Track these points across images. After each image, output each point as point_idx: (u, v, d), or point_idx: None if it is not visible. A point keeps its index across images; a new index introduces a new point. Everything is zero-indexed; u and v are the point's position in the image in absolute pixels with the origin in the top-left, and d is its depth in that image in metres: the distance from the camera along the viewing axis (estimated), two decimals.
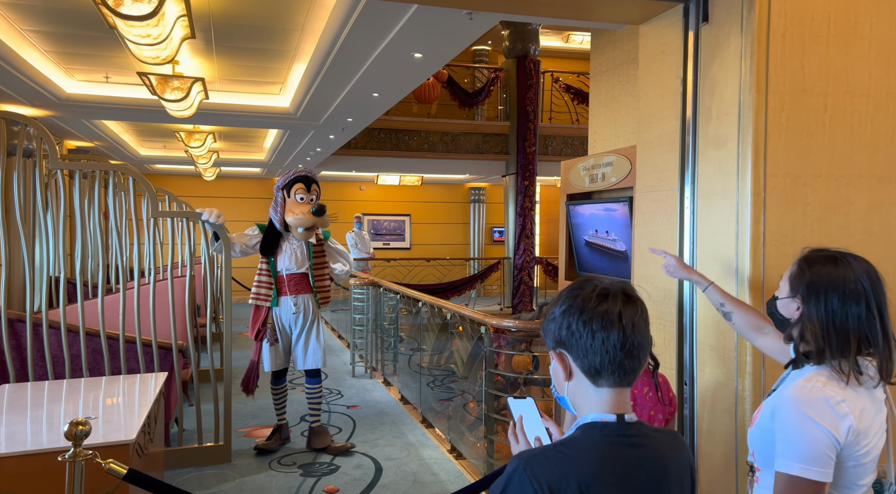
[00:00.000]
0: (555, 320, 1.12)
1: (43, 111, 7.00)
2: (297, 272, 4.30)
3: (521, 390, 5.44)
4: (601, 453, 1.05)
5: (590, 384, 1.10)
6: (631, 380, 1.10)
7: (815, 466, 1.36)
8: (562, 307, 1.11)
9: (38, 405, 3.08)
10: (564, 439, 1.10)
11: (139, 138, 10.28)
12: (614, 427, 1.07)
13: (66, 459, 2.08)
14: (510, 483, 1.02)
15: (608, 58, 3.32)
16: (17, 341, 3.93)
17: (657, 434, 1.14)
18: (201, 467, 4.14)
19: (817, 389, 1.40)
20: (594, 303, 1.07)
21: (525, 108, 10.22)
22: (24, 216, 3.97)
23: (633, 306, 1.09)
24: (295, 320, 4.31)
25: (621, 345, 1.06)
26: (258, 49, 5.59)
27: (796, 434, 1.39)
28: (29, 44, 5.35)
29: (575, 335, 1.08)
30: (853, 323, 1.41)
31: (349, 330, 7.81)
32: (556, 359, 1.14)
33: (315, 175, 4.34)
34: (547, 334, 1.15)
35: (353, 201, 15.51)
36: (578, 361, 1.09)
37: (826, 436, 1.36)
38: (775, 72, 2.02)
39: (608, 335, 1.06)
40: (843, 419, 1.37)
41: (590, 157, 3.13)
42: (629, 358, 1.07)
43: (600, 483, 1.02)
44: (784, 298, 1.53)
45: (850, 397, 1.40)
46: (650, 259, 2.53)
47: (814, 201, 2.06)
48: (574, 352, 1.09)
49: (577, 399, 1.13)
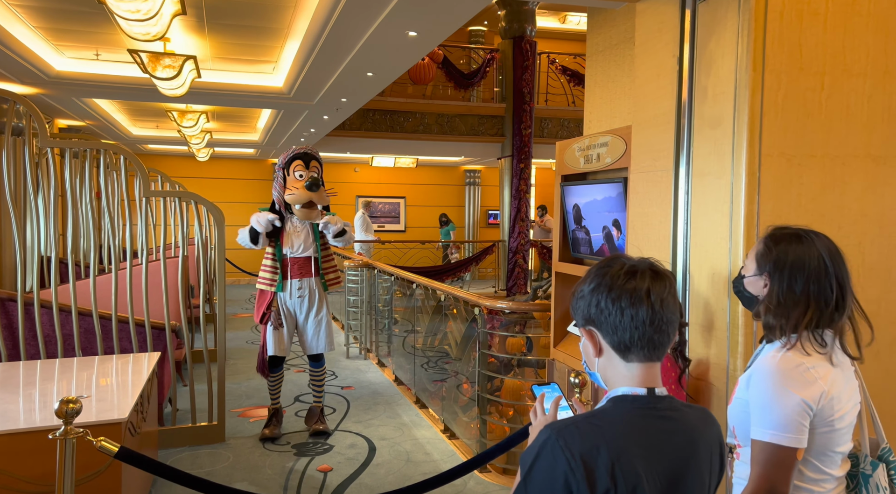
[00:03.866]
0: (584, 298, 1.13)
1: (32, 89, 6.90)
2: (302, 256, 4.20)
3: (515, 371, 5.47)
4: (631, 425, 1.07)
5: (620, 359, 1.12)
6: (661, 355, 1.11)
7: (787, 432, 1.40)
8: (591, 285, 1.13)
9: (31, 384, 3.08)
10: (595, 410, 1.11)
11: (131, 117, 10.17)
12: (645, 400, 1.09)
13: (56, 437, 2.08)
14: (542, 453, 1.03)
15: (604, 37, 3.29)
16: (8, 320, 3.92)
17: (687, 409, 1.15)
18: (195, 446, 4.16)
19: (787, 358, 1.44)
20: (622, 280, 1.09)
21: (521, 89, 10.15)
22: (14, 195, 3.93)
23: (662, 283, 1.10)
24: (300, 304, 4.24)
25: (650, 321, 1.08)
26: (250, 26, 5.52)
27: (769, 402, 1.43)
28: (17, 19, 5.26)
29: (604, 313, 1.10)
30: (816, 299, 1.46)
31: (343, 312, 7.82)
32: (585, 336, 1.15)
33: (315, 152, 4.24)
34: (576, 311, 1.16)
35: (348, 183, 15.43)
36: (608, 337, 1.11)
37: (798, 403, 1.40)
38: (772, 50, 2.00)
39: (637, 312, 1.07)
40: (813, 385, 1.41)
41: (585, 137, 3.10)
42: (658, 333, 1.09)
43: (630, 453, 1.03)
44: (751, 276, 1.57)
45: (820, 363, 1.44)
46: (643, 240, 2.52)
47: (808, 181, 2.05)
48: (604, 329, 1.11)
49: (608, 374, 1.15)
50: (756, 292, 1.57)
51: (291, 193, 4.09)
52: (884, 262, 2.12)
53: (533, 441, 1.07)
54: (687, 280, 2.26)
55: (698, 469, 1.11)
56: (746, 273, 1.59)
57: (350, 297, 7.44)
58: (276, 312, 4.21)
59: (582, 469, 1.00)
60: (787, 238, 1.51)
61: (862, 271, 2.07)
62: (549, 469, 1.02)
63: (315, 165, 4.19)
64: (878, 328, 2.06)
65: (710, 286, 2.15)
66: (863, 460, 1.56)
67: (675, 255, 2.31)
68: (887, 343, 2.10)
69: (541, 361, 4.73)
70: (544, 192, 15.23)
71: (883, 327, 2.09)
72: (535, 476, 1.04)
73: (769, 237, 1.55)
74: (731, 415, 1.58)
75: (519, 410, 5.33)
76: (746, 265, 1.60)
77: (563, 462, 1.01)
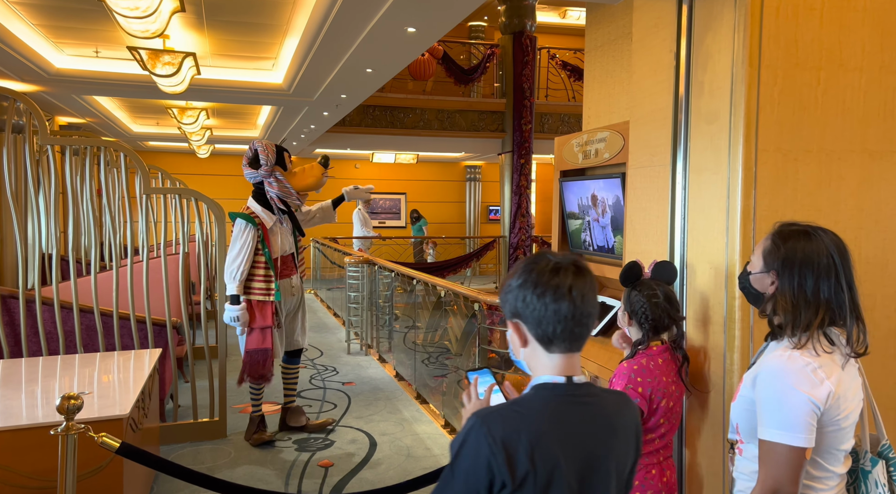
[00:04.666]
0: (511, 292, 1.19)
1: (32, 86, 6.91)
2: (288, 254, 4.16)
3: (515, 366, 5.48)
4: (551, 411, 1.14)
5: (543, 350, 1.18)
6: (580, 346, 1.19)
7: (796, 432, 1.40)
8: (518, 281, 1.18)
9: (33, 381, 3.10)
10: (519, 398, 1.19)
11: (132, 115, 10.18)
12: (563, 388, 1.17)
13: (58, 433, 2.10)
14: (468, 439, 1.10)
15: (603, 33, 3.29)
16: (10, 317, 3.94)
17: (606, 394, 1.23)
18: (197, 442, 4.18)
19: (795, 357, 1.44)
20: (547, 277, 1.15)
21: (521, 85, 10.13)
22: (15, 193, 3.94)
23: (583, 279, 1.16)
24: (293, 301, 4.24)
25: (572, 315, 1.14)
26: (250, 23, 5.52)
27: (777, 402, 1.42)
28: (17, 16, 5.26)
29: (530, 307, 1.16)
30: (825, 297, 1.45)
31: (344, 308, 7.83)
32: (512, 328, 1.21)
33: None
34: (504, 305, 1.22)
35: (348, 180, 15.42)
36: (533, 330, 1.17)
37: (806, 403, 1.39)
38: (768, 45, 2.00)
39: (559, 307, 1.14)
40: (821, 385, 1.40)
41: (583, 133, 3.11)
42: (579, 326, 1.16)
43: (549, 438, 1.11)
44: (758, 273, 1.55)
45: (827, 363, 1.43)
46: (642, 235, 2.53)
47: (805, 177, 2.06)
48: (529, 322, 1.17)
49: (532, 363, 1.22)
50: (762, 290, 1.56)
51: (317, 179, 4.10)
52: (880, 256, 2.12)
53: (461, 428, 1.13)
54: (684, 275, 2.27)
55: (616, 451, 1.18)
56: (753, 270, 1.58)
57: (351, 293, 7.45)
58: (277, 316, 4.14)
59: (503, 454, 1.07)
60: (796, 235, 1.49)
61: (858, 265, 2.06)
62: (474, 454, 1.08)
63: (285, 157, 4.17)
64: (873, 322, 2.07)
65: (708, 281, 2.16)
66: (863, 456, 1.57)
67: (672, 250, 2.31)
68: (882, 337, 2.11)
69: None
70: (545, 187, 15.23)
71: (878, 321, 2.10)
72: (461, 460, 1.10)
73: (777, 234, 1.52)
74: (734, 412, 1.58)
75: None
76: (753, 262, 1.59)
77: (485, 447, 1.07)
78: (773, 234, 1.54)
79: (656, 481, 2.05)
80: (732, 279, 2.04)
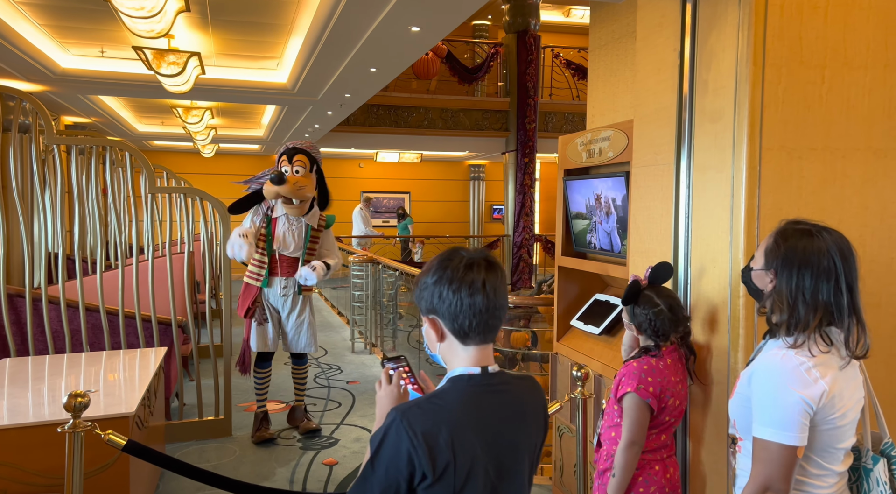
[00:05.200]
0: (427, 289, 1.23)
1: (38, 86, 6.94)
2: (290, 256, 4.11)
3: (520, 365, 5.49)
4: (468, 401, 1.19)
5: (459, 343, 1.23)
6: (494, 337, 1.25)
7: (787, 431, 1.41)
8: (433, 277, 1.22)
9: (39, 379, 3.12)
10: (437, 391, 1.22)
11: (137, 114, 10.21)
12: (479, 378, 1.22)
13: (65, 430, 2.11)
14: (388, 433, 1.13)
15: (607, 31, 3.29)
16: (16, 316, 3.96)
17: (517, 380, 1.29)
18: (202, 440, 4.20)
19: (789, 356, 1.44)
20: (462, 273, 1.20)
21: (525, 84, 10.12)
22: (21, 192, 3.96)
23: (495, 273, 1.22)
24: (283, 302, 4.16)
25: (485, 308, 1.19)
26: (254, 23, 5.53)
27: (770, 400, 1.44)
28: (22, 16, 5.29)
29: (446, 302, 1.20)
30: (823, 299, 1.44)
31: (348, 307, 7.85)
32: (428, 324, 1.25)
33: (302, 146, 4.09)
34: (420, 301, 1.25)
35: (352, 179, 15.46)
36: (449, 324, 1.22)
37: (798, 402, 1.40)
38: (773, 44, 2.00)
39: (474, 301, 1.19)
40: (814, 385, 1.41)
41: (587, 131, 3.11)
42: (492, 319, 1.21)
43: (467, 428, 1.16)
44: (758, 270, 1.56)
45: (823, 362, 1.44)
46: (646, 234, 2.53)
47: (809, 175, 2.06)
48: (445, 317, 1.22)
49: (448, 356, 1.26)
50: (762, 287, 1.56)
51: (265, 189, 3.97)
52: (885, 254, 2.12)
53: (381, 423, 1.16)
54: (688, 274, 2.27)
55: (528, 432, 1.26)
56: (755, 266, 1.58)
57: (355, 292, 7.46)
58: (260, 308, 4.11)
59: (424, 446, 1.11)
60: (798, 235, 1.48)
61: (863, 263, 2.05)
62: (394, 448, 1.12)
63: (300, 159, 4.01)
64: (878, 320, 2.07)
65: (712, 280, 2.16)
66: (864, 454, 1.57)
67: (676, 249, 2.32)
68: (888, 336, 2.11)
69: (544, 355, 4.75)
70: (549, 186, 15.21)
71: (883, 319, 2.10)
72: (382, 454, 1.13)
73: (779, 233, 1.52)
74: (732, 409, 1.59)
75: None
76: (756, 257, 1.59)
77: (406, 440, 1.11)
78: (776, 232, 1.54)
79: (659, 477, 2.06)
80: (737, 278, 2.04)
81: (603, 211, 3.00)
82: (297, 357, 4.37)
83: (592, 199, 3.07)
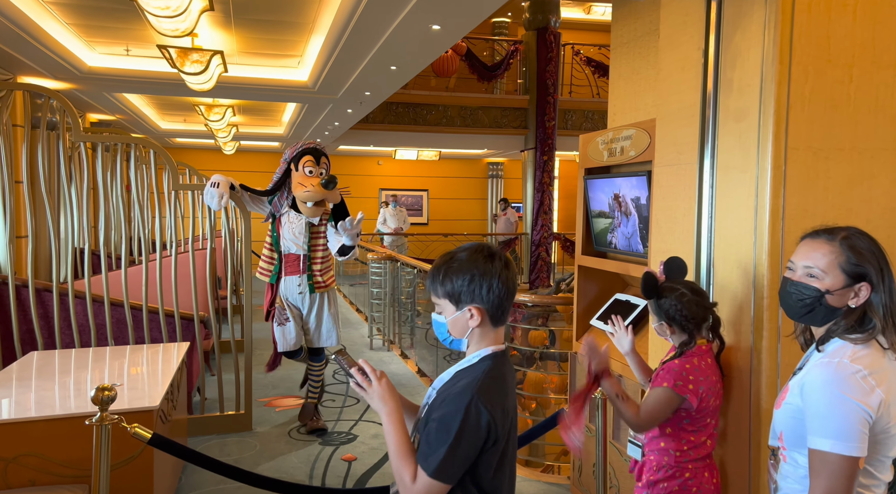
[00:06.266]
0: (474, 282, 1.43)
1: (65, 84, 7.06)
2: (295, 253, 4.11)
3: (538, 364, 5.48)
4: (505, 372, 1.47)
5: (491, 326, 1.47)
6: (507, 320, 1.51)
7: (849, 442, 1.36)
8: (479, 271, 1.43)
9: (66, 372, 3.18)
10: (488, 369, 1.43)
11: (160, 112, 10.35)
12: (503, 354, 1.48)
13: (93, 423, 2.15)
14: (469, 411, 1.35)
15: (629, 29, 3.26)
16: (44, 310, 4.04)
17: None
18: (223, 434, 4.25)
19: (845, 364, 1.40)
20: (500, 265, 1.44)
21: (545, 81, 10.08)
22: (49, 188, 4.04)
23: (511, 265, 1.48)
24: (301, 300, 4.17)
25: (509, 295, 1.46)
26: (276, 21, 5.57)
27: (828, 411, 1.38)
28: (51, 16, 5.38)
29: (494, 291, 1.43)
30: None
31: (367, 304, 7.89)
32: (468, 312, 1.44)
33: (324, 148, 4.13)
34: (468, 294, 1.44)
35: (371, 176, 15.52)
36: (491, 311, 1.45)
37: (858, 411, 1.36)
38: (800, 42, 1.97)
39: (509, 289, 1.45)
40: (872, 393, 1.37)
41: (609, 130, 3.09)
42: (511, 305, 1.47)
43: (509, 394, 1.46)
44: (841, 288, 1.45)
45: (878, 369, 1.40)
46: (668, 234, 2.51)
47: (836, 175, 2.03)
48: (489, 303, 1.44)
49: (478, 339, 1.47)
50: (840, 305, 1.47)
51: (306, 190, 3.95)
52: None
53: (455, 405, 1.37)
54: (711, 274, 2.25)
55: None
56: (832, 288, 1.45)
57: (373, 289, 7.50)
58: (280, 308, 4.15)
59: (500, 415, 1.39)
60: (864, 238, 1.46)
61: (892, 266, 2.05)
62: (475, 422, 1.36)
63: (325, 162, 4.06)
64: None
65: (735, 281, 2.14)
66: None
67: (699, 249, 2.30)
68: None
69: (563, 354, 4.74)
70: (568, 184, 15.15)
71: None
72: (465, 429, 1.35)
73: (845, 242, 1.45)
74: (778, 420, 1.54)
75: (542, 402, 5.34)
76: (824, 280, 1.46)
77: (486, 414, 1.36)
78: (843, 244, 1.45)
79: (708, 483, 2.02)
80: (760, 279, 2.02)
81: (622, 211, 2.99)
82: (313, 353, 4.38)
83: (613, 199, 3.05)
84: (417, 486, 1.37)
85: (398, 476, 1.40)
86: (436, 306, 1.51)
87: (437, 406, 1.43)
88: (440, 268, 1.47)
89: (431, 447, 1.36)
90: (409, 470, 1.38)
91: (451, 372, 1.49)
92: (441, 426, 1.37)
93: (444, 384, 1.48)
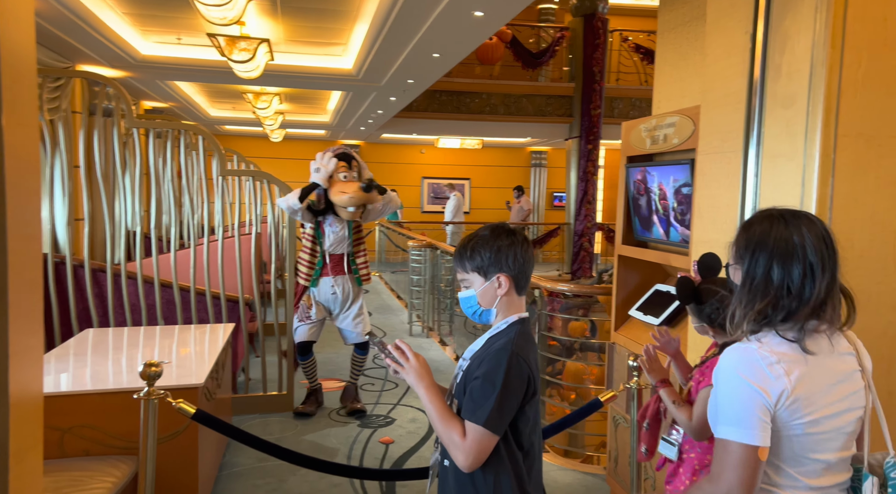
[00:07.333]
0: (502, 253, 1.57)
1: (120, 72, 7.30)
2: (337, 253, 4.20)
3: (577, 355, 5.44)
4: (529, 334, 1.62)
5: (517, 295, 1.62)
6: None
7: (745, 428, 1.26)
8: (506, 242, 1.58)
9: (119, 349, 3.32)
10: (519, 331, 1.58)
11: (210, 99, 10.60)
12: (527, 319, 1.63)
13: (140, 397, 2.25)
14: (512, 365, 1.49)
15: (676, 14, 3.18)
16: (99, 289, 4.22)
17: None
18: (266, 414, 4.38)
19: (751, 349, 1.31)
20: (521, 238, 1.60)
21: (591, 68, 9.91)
22: (104, 173, 4.21)
23: (528, 239, 1.65)
24: (334, 301, 4.25)
25: (529, 263, 1.61)
26: (321, 9, 5.64)
27: (726, 396, 1.31)
28: (107, 5, 5.57)
29: (519, 261, 1.58)
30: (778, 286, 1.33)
31: (407, 291, 7.96)
32: (497, 281, 1.57)
33: (352, 152, 4.20)
34: (495, 265, 1.57)
35: (414, 164, 15.58)
36: (518, 280, 1.60)
37: (754, 395, 1.27)
38: (853, 26, 1.90)
39: (531, 258, 1.62)
40: (774, 380, 1.27)
41: (652, 117, 3.03)
42: (531, 273, 1.64)
43: (533, 352, 1.59)
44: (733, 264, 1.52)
45: (791, 360, 1.29)
46: (710, 223, 2.46)
47: (889, 164, 1.95)
48: (518, 274, 1.59)
49: (505, 307, 1.60)
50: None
51: (348, 195, 3.98)
52: None
53: (496, 360, 1.50)
54: None
55: None
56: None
57: (413, 276, 7.56)
58: (304, 306, 4.23)
59: (536, 369, 1.56)
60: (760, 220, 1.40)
61: None
62: (518, 374, 1.50)
63: (356, 165, 4.13)
64: None
65: None
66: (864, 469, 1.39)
67: None
68: None
69: (602, 345, 4.70)
70: (613, 174, 14.88)
71: None
72: (509, 381, 1.48)
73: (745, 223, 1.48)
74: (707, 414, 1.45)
75: (581, 393, 5.31)
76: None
77: (525, 367, 1.51)
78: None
79: None
80: None
81: (665, 199, 2.93)
82: (359, 347, 4.45)
83: (656, 187, 3.00)
84: (468, 442, 1.45)
85: (447, 438, 1.49)
86: (462, 283, 1.64)
87: (475, 369, 1.53)
88: (466, 246, 1.61)
89: (477, 402, 1.47)
90: (457, 430, 1.47)
91: (481, 340, 1.61)
92: (486, 381, 1.48)
93: (477, 351, 1.59)
